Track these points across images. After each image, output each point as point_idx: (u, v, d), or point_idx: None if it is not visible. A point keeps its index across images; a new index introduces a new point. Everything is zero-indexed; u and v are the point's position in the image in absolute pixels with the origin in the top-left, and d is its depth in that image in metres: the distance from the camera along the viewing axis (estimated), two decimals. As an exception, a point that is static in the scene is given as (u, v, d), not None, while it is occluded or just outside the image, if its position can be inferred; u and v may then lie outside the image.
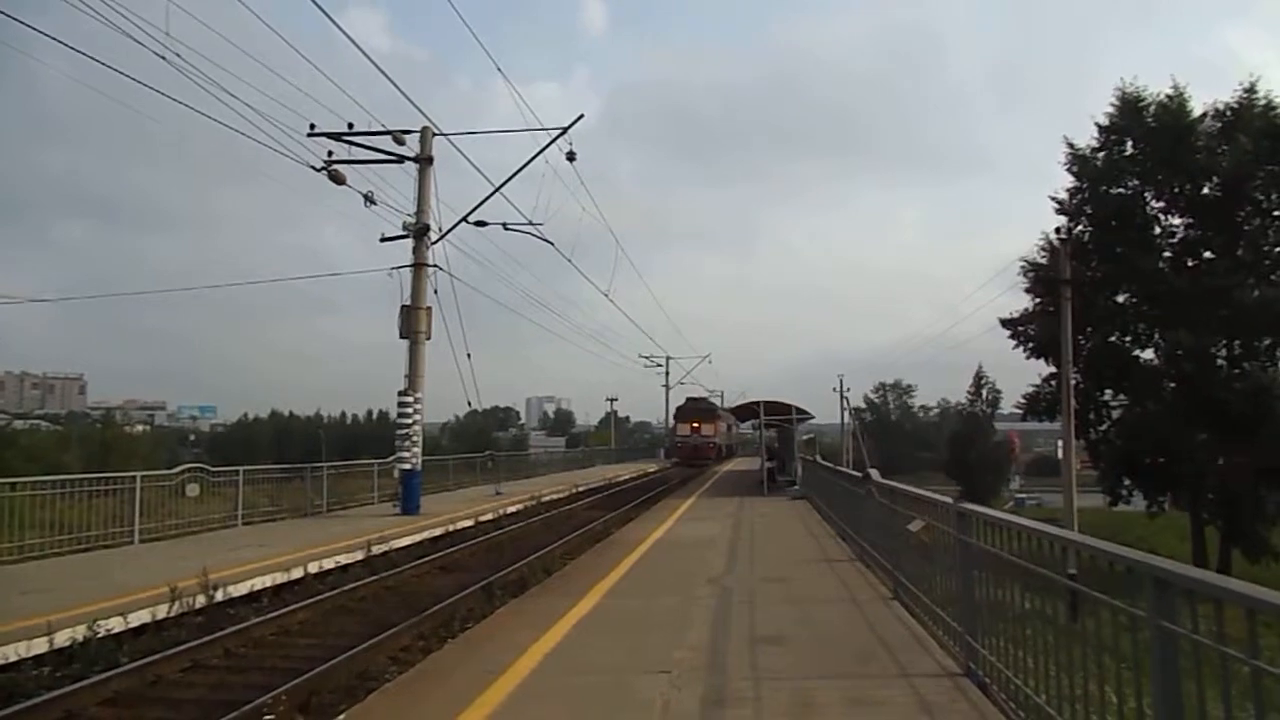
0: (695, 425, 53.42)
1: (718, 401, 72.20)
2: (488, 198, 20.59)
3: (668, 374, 71.09)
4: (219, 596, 9.94)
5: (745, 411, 36.80)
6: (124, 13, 11.67)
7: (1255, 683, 2.56)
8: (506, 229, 22.42)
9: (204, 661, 8.01)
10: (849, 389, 60.83)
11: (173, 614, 9.14)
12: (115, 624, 8.35)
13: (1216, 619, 2.78)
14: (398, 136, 18.96)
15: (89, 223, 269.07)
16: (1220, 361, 30.32)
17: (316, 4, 9.71)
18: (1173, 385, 30.69)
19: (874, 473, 10.89)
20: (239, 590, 10.40)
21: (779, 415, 30.66)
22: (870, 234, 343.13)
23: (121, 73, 11.94)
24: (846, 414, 58.75)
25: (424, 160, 19.47)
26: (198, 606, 9.52)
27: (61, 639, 7.77)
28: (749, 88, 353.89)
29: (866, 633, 7.24)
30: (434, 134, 19.60)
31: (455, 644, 7.47)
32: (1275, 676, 2.49)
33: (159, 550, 13.49)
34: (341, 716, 5.59)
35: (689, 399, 59.92)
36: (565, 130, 20.28)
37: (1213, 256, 30.86)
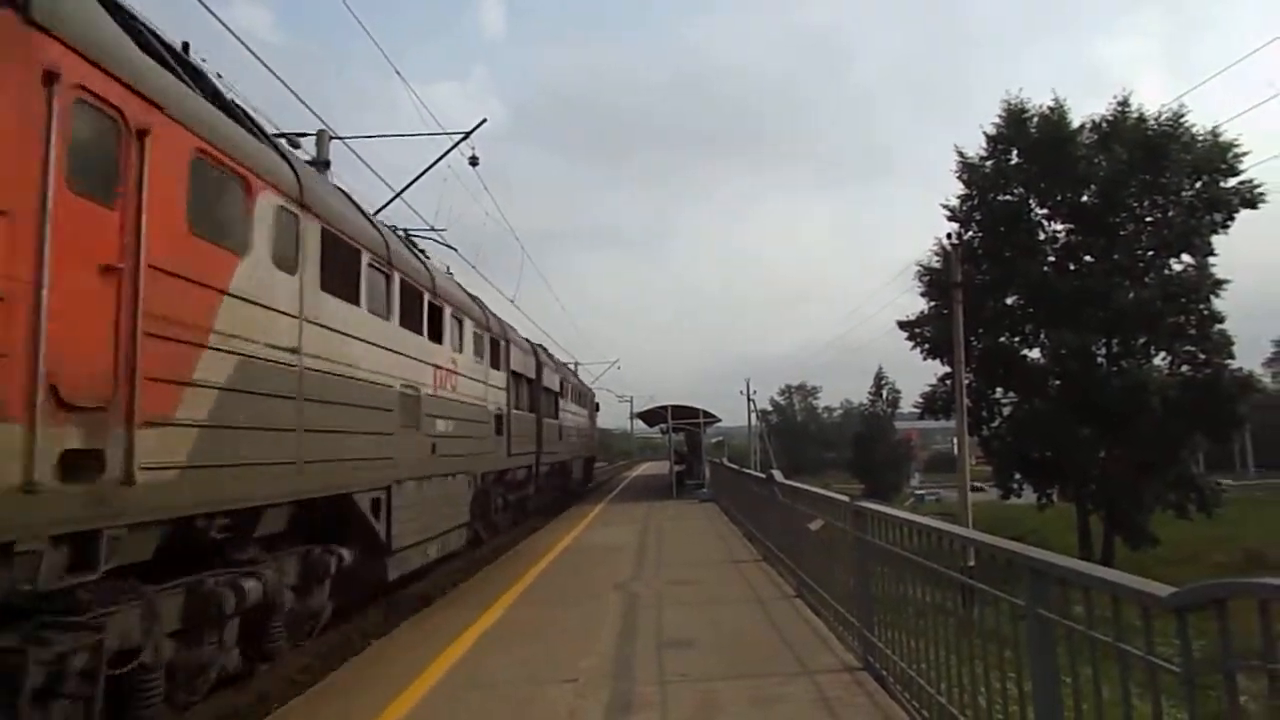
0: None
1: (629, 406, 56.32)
2: (388, 203, 19.99)
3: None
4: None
5: (653, 416, 37.03)
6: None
7: (1122, 662, 2.70)
8: (408, 235, 21.97)
9: None
10: (756, 391, 61.81)
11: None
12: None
13: (1085, 604, 2.92)
14: (292, 139, 18.35)
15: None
16: (1100, 360, 31.96)
17: (202, 2, 9.26)
18: (1058, 383, 32.18)
19: (776, 473, 11.10)
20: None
21: (687, 419, 30.91)
22: (777, 239, 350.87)
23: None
24: (753, 416, 59.68)
25: (320, 164, 18.90)
26: None
27: None
28: (656, 91, 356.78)
29: (770, 632, 7.36)
30: (331, 137, 19.07)
31: (359, 660, 7.25)
32: (1137, 656, 2.63)
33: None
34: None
35: None
36: (468, 135, 19.95)
37: (1092, 260, 32.54)
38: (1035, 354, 33.95)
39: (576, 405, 29.92)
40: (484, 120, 20.66)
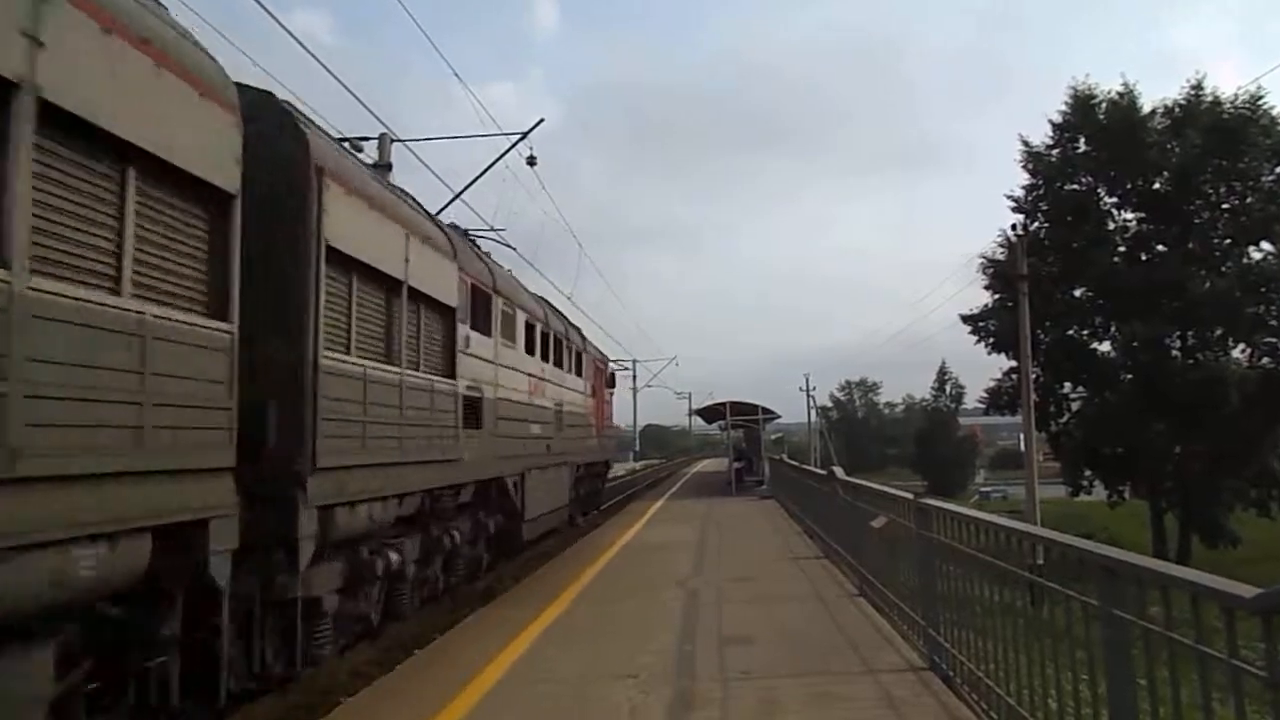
0: None
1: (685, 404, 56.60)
2: (448, 204, 20.36)
3: (634, 376, 71.09)
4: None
5: (712, 413, 36.94)
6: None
7: (1201, 665, 2.60)
8: (467, 235, 22.28)
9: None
10: (815, 388, 61.34)
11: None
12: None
13: (1164, 604, 2.82)
14: (355, 144, 18.73)
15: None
16: (1175, 352, 30.94)
17: (263, 6, 9.50)
18: (1129, 377, 31.25)
19: (838, 470, 10.98)
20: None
21: (746, 415, 30.78)
22: (836, 233, 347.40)
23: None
24: (813, 413, 59.15)
25: (383, 167, 19.25)
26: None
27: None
28: (711, 88, 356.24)
29: (832, 630, 7.28)
30: (392, 140, 19.41)
31: (422, 655, 7.37)
32: (1218, 659, 2.53)
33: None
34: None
35: None
36: (525, 135, 20.15)
37: (1165, 250, 31.53)
38: (1105, 347, 33.07)
39: (558, 368, 16.10)
40: (541, 120, 20.79)
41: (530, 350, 13.60)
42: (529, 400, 13.35)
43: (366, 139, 18.97)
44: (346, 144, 18.71)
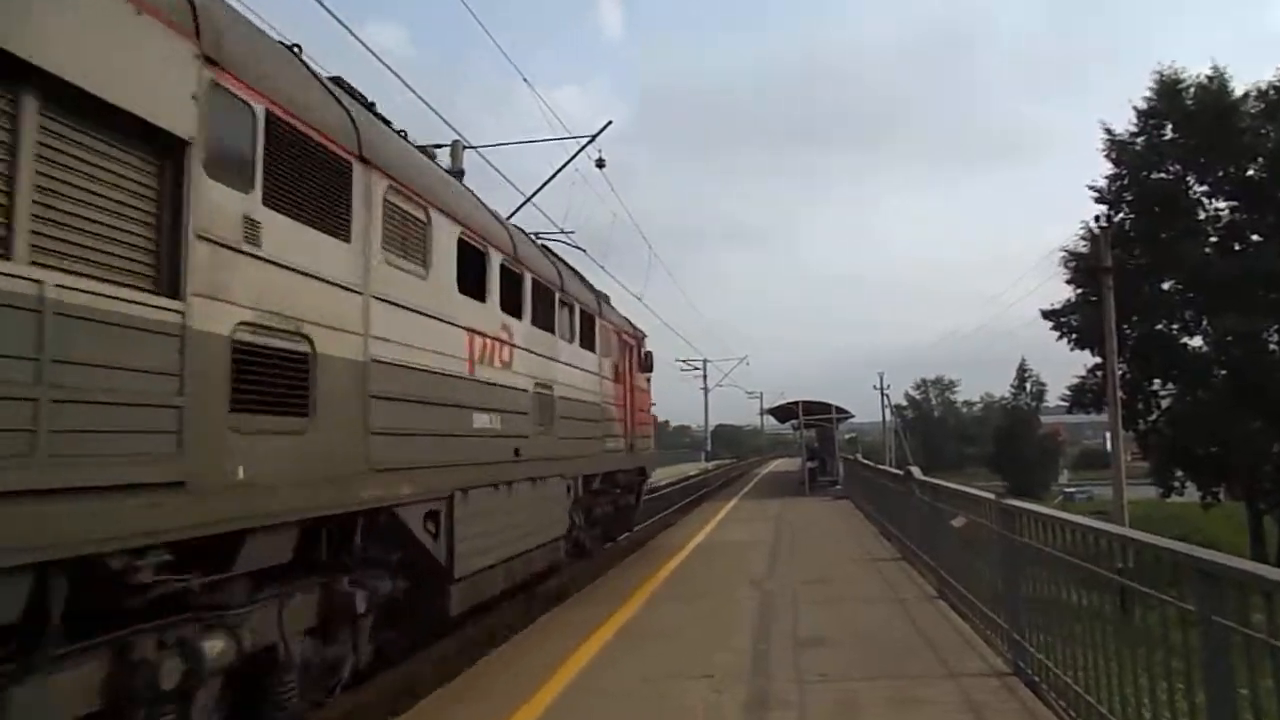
0: None
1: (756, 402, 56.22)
2: (519, 208, 20.63)
3: (705, 376, 71.05)
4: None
5: (784, 412, 36.56)
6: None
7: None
8: (538, 239, 22.54)
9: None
10: (889, 386, 60.33)
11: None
12: None
13: (1267, 611, 2.70)
14: (428, 151, 19.09)
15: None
16: (1272, 346, 29.55)
17: (336, 18, 9.71)
18: (1223, 372, 29.96)
19: (915, 470, 10.80)
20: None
21: (819, 415, 30.47)
22: (906, 231, 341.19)
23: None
24: (888, 412, 58.20)
25: (456, 174, 19.59)
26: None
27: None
28: (777, 84, 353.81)
29: (911, 632, 7.15)
30: (465, 147, 19.73)
31: (497, 654, 7.48)
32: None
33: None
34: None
35: None
36: (593, 138, 20.27)
37: (1260, 239, 30.12)
38: (1197, 342, 31.75)
39: (544, 330, 10.07)
40: (609, 123, 20.89)
41: (475, 292, 8.11)
42: (468, 373, 7.76)
43: (440, 146, 19.35)
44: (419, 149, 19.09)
